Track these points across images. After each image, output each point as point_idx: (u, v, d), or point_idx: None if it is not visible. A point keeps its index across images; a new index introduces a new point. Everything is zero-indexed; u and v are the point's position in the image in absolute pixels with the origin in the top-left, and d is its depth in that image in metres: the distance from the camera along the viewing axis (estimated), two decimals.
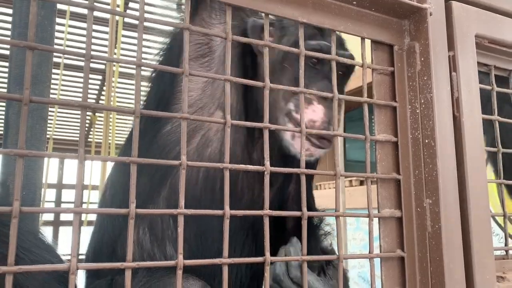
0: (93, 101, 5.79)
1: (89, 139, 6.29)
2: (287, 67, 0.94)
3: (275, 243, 0.69)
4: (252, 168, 0.70)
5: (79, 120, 0.59)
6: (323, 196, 3.35)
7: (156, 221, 0.89)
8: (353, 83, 1.16)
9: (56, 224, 6.85)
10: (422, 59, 0.84)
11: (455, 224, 0.79)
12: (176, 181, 0.90)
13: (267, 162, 0.70)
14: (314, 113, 0.93)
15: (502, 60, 1.00)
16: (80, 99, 0.58)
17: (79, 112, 0.59)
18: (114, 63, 3.38)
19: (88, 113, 6.00)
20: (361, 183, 3.34)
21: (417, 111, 0.83)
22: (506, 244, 0.96)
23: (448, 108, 0.84)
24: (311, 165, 1.07)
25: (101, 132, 4.00)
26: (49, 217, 6.70)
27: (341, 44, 1.04)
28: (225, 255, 0.64)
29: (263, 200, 0.73)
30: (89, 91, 5.38)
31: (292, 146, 0.93)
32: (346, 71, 1.09)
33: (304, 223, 0.71)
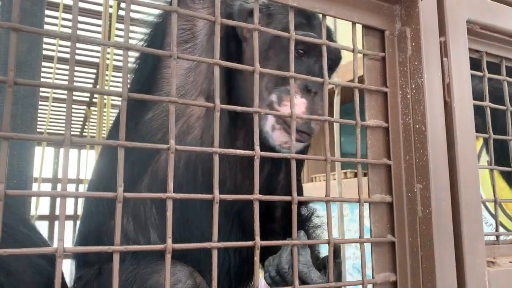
0: (88, 95, 5.75)
1: (84, 134, 6.27)
2: (272, 57, 0.93)
3: (263, 234, 0.69)
4: (242, 152, 0.69)
5: (74, 113, 0.58)
6: (318, 188, 3.35)
7: (139, 209, 0.89)
8: (348, 75, 1.16)
9: (52, 218, 6.83)
10: (413, 44, 0.83)
11: (445, 209, 0.78)
12: (157, 169, 0.90)
13: (257, 147, 0.69)
14: (295, 106, 0.91)
15: (494, 46, 0.99)
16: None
17: (74, 105, 0.58)
18: (108, 58, 3.37)
19: (83, 107, 5.97)
20: (356, 175, 3.34)
21: (408, 97, 0.83)
22: (497, 230, 0.96)
23: (439, 93, 0.84)
24: (276, 174, 1.08)
25: (95, 126, 3.98)
26: (45, 211, 6.67)
27: (329, 35, 1.03)
28: (215, 239, 0.64)
29: (245, 189, 0.73)
30: (84, 85, 5.35)
31: (271, 137, 0.91)
32: (331, 64, 1.07)
33: (294, 208, 0.71)
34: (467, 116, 0.86)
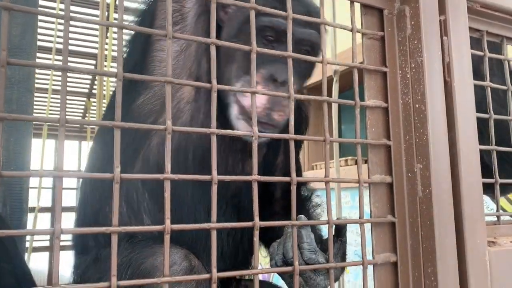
0: (88, 86, 5.74)
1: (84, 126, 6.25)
2: (244, 38, 0.89)
3: (262, 216, 0.68)
4: (241, 133, 0.69)
5: (74, 105, 0.58)
6: (319, 176, 3.35)
7: (131, 195, 0.88)
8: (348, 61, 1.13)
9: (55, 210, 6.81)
10: (413, 23, 0.82)
11: (446, 189, 0.78)
12: (148, 154, 0.89)
13: (255, 128, 0.69)
14: (256, 98, 0.89)
15: (495, 25, 0.98)
16: (76, 87, 0.57)
17: (74, 97, 0.57)
18: (106, 49, 3.34)
19: (82, 99, 5.96)
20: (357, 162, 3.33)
21: (408, 76, 0.82)
22: (497, 210, 0.96)
23: (439, 72, 0.83)
24: (272, 161, 1.06)
25: (95, 118, 3.97)
26: (47, 203, 6.68)
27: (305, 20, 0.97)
28: (213, 219, 0.63)
29: (237, 173, 0.72)
30: (84, 76, 5.33)
31: (236, 127, 0.89)
32: (310, 50, 1.00)
33: (293, 188, 0.71)
34: (467, 95, 0.85)
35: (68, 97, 6.18)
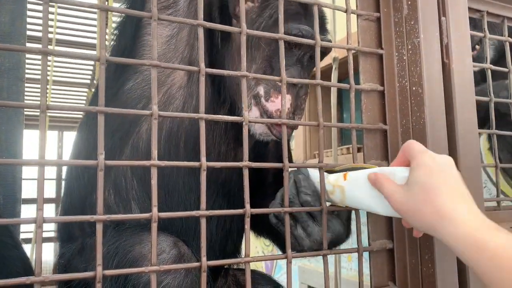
0: (89, 77, 5.71)
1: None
2: (262, 46, 0.88)
3: (253, 201, 0.66)
4: (230, 118, 0.67)
5: (76, 97, 0.56)
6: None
7: (120, 182, 0.86)
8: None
9: (57, 201, 6.84)
10: (409, 2, 0.79)
11: None
12: (138, 141, 0.87)
13: (246, 113, 0.67)
14: (274, 104, 0.87)
15: (495, 5, 0.95)
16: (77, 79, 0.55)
17: (76, 89, 0.56)
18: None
19: (84, 89, 5.94)
20: (359, 150, 3.30)
21: (404, 58, 0.79)
22: (498, 195, 0.94)
23: (437, 54, 0.80)
24: (264, 148, 1.04)
25: None
26: (51, 194, 6.69)
27: (321, 26, 0.93)
28: (203, 207, 0.62)
29: (232, 159, 0.70)
30: (85, 67, 5.31)
31: (252, 127, 0.88)
32: (320, 55, 1.01)
33: (286, 175, 0.69)
34: (466, 78, 0.82)
35: (69, 88, 6.18)
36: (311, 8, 0.96)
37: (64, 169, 1.01)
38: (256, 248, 4.41)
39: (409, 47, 0.79)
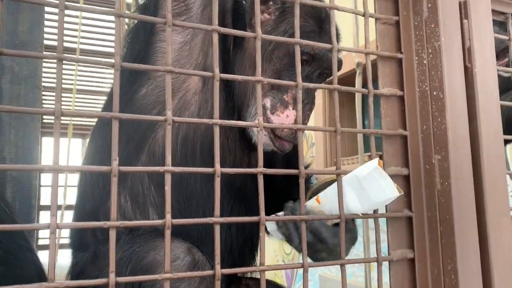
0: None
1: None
2: (274, 60, 0.89)
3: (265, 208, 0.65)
4: (244, 124, 0.66)
5: (98, 104, 0.56)
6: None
7: (137, 188, 0.86)
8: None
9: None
10: (429, 5, 0.77)
11: (466, 181, 0.73)
12: (154, 147, 0.87)
13: (260, 118, 0.66)
14: (286, 118, 0.90)
15: None
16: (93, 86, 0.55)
17: (97, 97, 0.56)
18: None
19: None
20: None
21: (425, 62, 0.77)
22: None
23: (459, 58, 0.78)
24: (271, 153, 1.05)
25: None
26: (72, 201, 6.76)
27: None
28: (217, 214, 0.61)
29: (246, 164, 0.69)
30: (108, 76, 5.39)
31: (255, 136, 0.89)
32: (331, 72, 1.01)
33: (302, 181, 0.67)
34: (490, 82, 0.80)
35: (92, 97, 6.29)
36: (325, 27, 0.96)
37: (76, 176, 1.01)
38: (277, 257, 4.38)
39: (430, 51, 0.76)
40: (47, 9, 0.97)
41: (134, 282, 0.59)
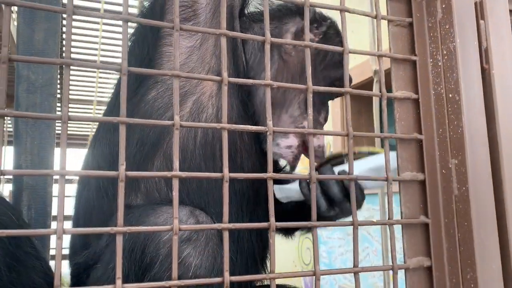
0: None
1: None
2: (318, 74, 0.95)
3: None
4: (254, 128, 0.65)
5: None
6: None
7: (153, 195, 0.85)
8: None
9: None
10: (444, 6, 0.76)
11: (485, 186, 0.71)
12: (168, 151, 0.86)
13: (270, 122, 0.65)
14: (318, 140, 1.00)
15: None
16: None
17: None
18: None
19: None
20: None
21: (439, 64, 0.75)
22: None
23: (475, 59, 0.75)
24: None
25: None
26: None
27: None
28: (225, 220, 0.60)
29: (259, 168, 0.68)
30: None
31: (279, 155, 0.94)
32: (339, 85, 1.12)
33: (313, 187, 0.66)
34: (509, 84, 0.77)
35: None
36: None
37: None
38: (296, 267, 4.33)
39: (444, 52, 0.74)
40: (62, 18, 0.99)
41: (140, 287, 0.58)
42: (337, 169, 0.87)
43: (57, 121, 0.54)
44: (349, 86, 1.08)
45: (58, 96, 0.96)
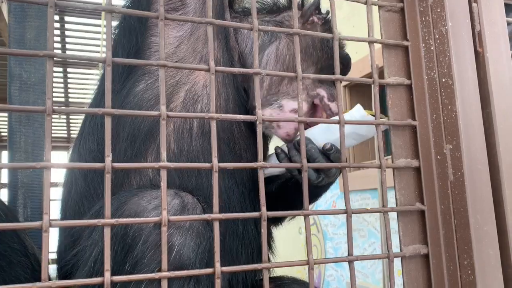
0: None
1: None
2: (319, 56, 0.94)
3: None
4: (242, 117, 0.64)
5: None
6: (366, 177, 3.22)
7: (146, 187, 0.84)
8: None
9: None
10: None
11: (481, 171, 0.69)
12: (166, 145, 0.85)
13: (259, 111, 0.64)
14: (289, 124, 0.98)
15: None
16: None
17: None
18: None
19: None
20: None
21: (432, 48, 0.74)
22: None
23: (468, 42, 0.74)
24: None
25: None
26: None
27: (341, 46, 1.10)
28: (215, 211, 0.59)
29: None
30: None
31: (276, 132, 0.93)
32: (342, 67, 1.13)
33: (305, 175, 0.65)
34: (504, 67, 0.76)
35: None
36: None
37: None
38: (305, 270, 4.32)
39: (437, 36, 0.73)
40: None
41: (129, 280, 0.57)
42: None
43: (40, 113, 0.54)
44: (349, 68, 1.08)
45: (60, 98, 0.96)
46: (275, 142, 1.03)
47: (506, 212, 0.70)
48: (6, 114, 1.02)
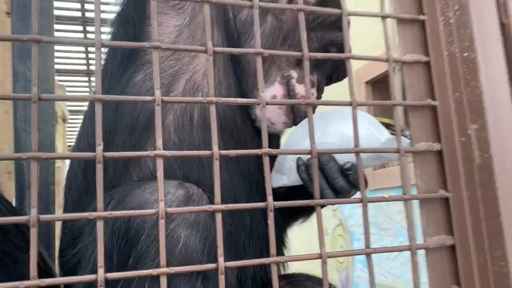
0: None
1: None
2: (313, 40, 0.88)
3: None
4: (244, 101, 0.60)
5: None
6: (388, 175, 3.12)
7: (147, 179, 0.82)
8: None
9: None
10: None
11: (511, 151, 0.63)
12: (164, 132, 0.82)
13: (262, 94, 0.59)
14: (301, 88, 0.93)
15: None
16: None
17: None
18: None
19: None
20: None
21: (451, 22, 0.68)
22: None
23: (492, 13, 0.68)
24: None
25: None
26: None
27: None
28: (217, 201, 0.55)
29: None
30: None
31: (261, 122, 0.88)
32: (341, 76, 1.10)
33: (315, 162, 0.60)
34: None
35: None
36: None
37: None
38: (331, 266, 4.23)
39: (456, 8, 0.67)
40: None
41: (124, 277, 0.54)
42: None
43: (27, 100, 0.51)
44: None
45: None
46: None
47: None
48: None
